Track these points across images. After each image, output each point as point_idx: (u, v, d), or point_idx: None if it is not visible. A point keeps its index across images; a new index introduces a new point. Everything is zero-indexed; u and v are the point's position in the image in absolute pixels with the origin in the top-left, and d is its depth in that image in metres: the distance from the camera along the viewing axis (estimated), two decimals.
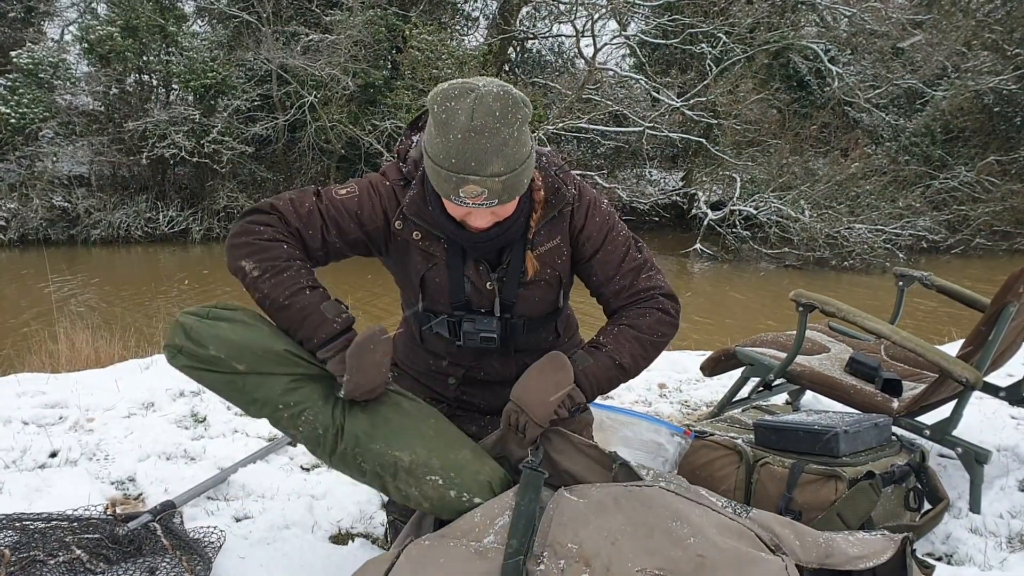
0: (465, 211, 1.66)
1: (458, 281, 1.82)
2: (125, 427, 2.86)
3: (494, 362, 1.96)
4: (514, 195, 1.63)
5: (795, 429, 2.16)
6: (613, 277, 1.87)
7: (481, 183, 1.56)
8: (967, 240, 15.16)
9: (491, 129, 1.53)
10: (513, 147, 1.56)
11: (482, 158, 1.53)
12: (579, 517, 1.52)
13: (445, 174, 1.57)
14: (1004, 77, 15.62)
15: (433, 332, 1.91)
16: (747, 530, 1.51)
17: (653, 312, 1.87)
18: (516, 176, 1.59)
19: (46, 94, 14.42)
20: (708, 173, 16.40)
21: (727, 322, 9.45)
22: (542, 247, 1.82)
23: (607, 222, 1.87)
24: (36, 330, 5.56)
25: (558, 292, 1.90)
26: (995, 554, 2.09)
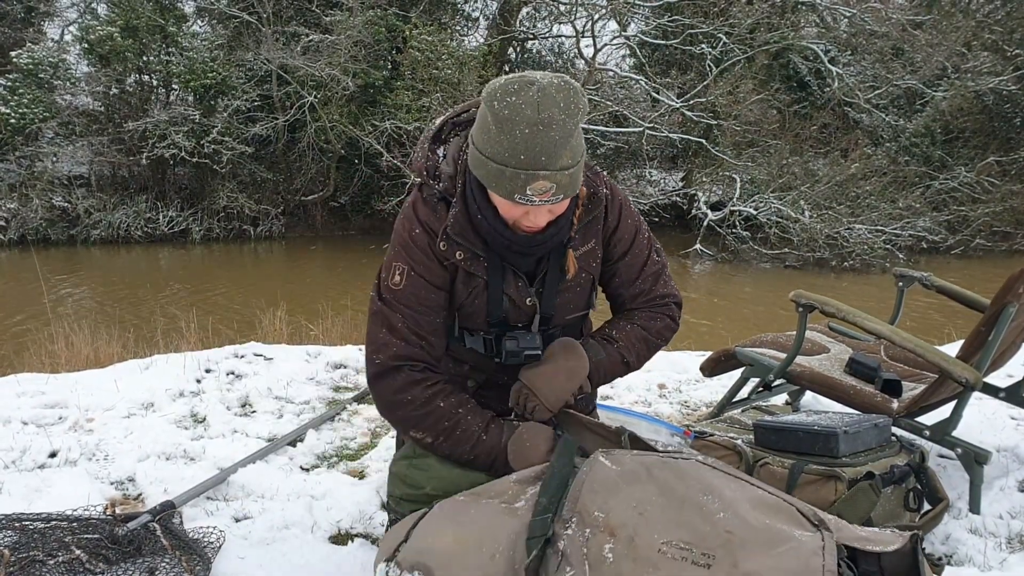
0: (523, 211, 1.61)
1: (497, 299, 1.78)
2: (125, 427, 2.86)
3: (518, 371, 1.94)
4: (576, 188, 1.59)
5: (795, 429, 2.16)
6: (635, 280, 1.90)
7: (551, 177, 1.51)
8: (967, 240, 15.16)
9: (558, 121, 1.49)
10: (577, 138, 1.53)
11: (552, 151, 1.49)
12: (610, 484, 1.51)
13: (511, 172, 1.51)
14: (1004, 78, 15.63)
15: (465, 347, 1.89)
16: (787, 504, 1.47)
17: (663, 318, 1.92)
18: (579, 168, 1.56)
19: (46, 94, 14.43)
20: (708, 174, 16.40)
21: (727, 322, 9.45)
22: (579, 249, 1.80)
23: (635, 223, 1.88)
24: (36, 330, 5.57)
25: (589, 294, 1.90)
26: (995, 555, 2.09)
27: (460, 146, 1.75)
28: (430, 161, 1.76)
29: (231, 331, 6.08)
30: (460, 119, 1.81)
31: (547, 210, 1.62)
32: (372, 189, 16.23)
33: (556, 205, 1.61)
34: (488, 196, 1.65)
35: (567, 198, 1.59)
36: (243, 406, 3.22)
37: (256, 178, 15.92)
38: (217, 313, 8.05)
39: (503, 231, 1.67)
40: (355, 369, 3.79)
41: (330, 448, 2.82)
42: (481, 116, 1.56)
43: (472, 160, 1.61)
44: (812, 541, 1.39)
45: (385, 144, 14.65)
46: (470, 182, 1.69)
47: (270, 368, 3.62)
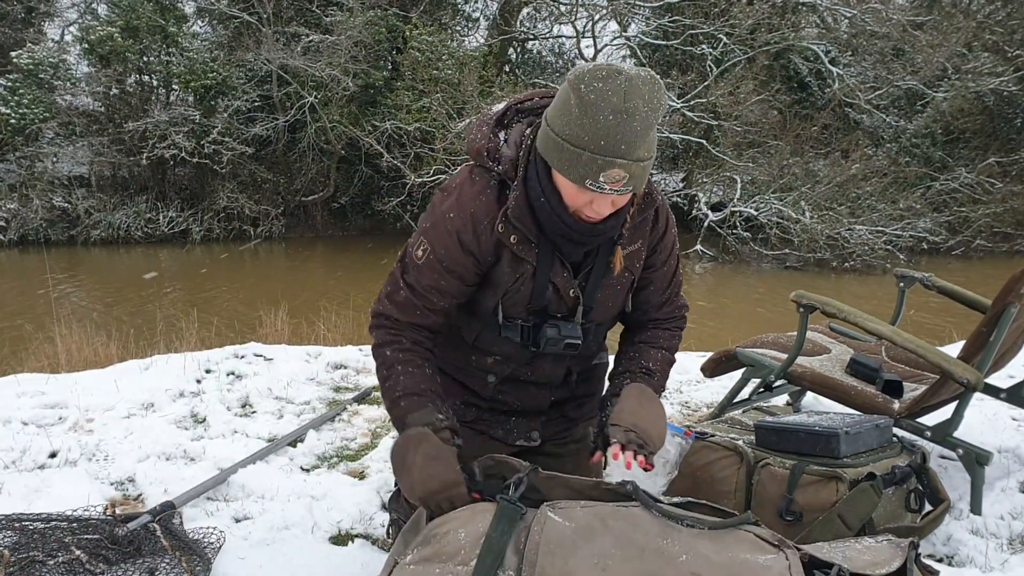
0: (588, 200, 1.60)
1: (542, 287, 1.77)
2: (125, 428, 2.85)
3: (546, 365, 1.91)
4: (643, 184, 1.60)
5: (796, 430, 2.16)
6: (665, 290, 1.93)
7: (626, 167, 1.52)
8: (968, 241, 15.16)
9: (641, 113, 1.50)
10: (654, 134, 1.56)
11: (632, 141, 1.50)
12: (567, 543, 1.47)
13: (588, 157, 1.51)
14: (1005, 79, 15.62)
15: (500, 335, 1.85)
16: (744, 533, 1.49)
17: (678, 335, 1.97)
18: (650, 164, 1.58)
19: (46, 94, 14.43)
20: (708, 174, 16.39)
21: (727, 323, 9.45)
22: (627, 248, 1.80)
23: (675, 232, 1.91)
24: (36, 331, 5.56)
25: (626, 297, 1.89)
26: (996, 555, 2.08)
27: (523, 132, 1.75)
28: (491, 143, 1.75)
29: (231, 331, 6.08)
30: (524, 106, 1.81)
31: (611, 201, 1.61)
32: (372, 190, 16.23)
33: (620, 197, 1.61)
34: (553, 181, 1.65)
35: (634, 192, 1.60)
36: (243, 406, 3.22)
37: (256, 178, 15.92)
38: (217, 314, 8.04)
39: (564, 216, 1.66)
40: (355, 370, 3.79)
41: (330, 449, 2.81)
42: (563, 99, 1.56)
43: (545, 142, 1.60)
44: (777, 563, 1.41)
45: (385, 145, 14.65)
46: (535, 166, 1.68)
47: (270, 368, 3.62)
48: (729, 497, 2.14)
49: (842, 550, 1.52)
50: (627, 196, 1.64)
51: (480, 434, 1.99)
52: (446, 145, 13.92)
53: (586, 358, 1.98)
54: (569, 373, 1.96)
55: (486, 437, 1.99)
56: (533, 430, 1.99)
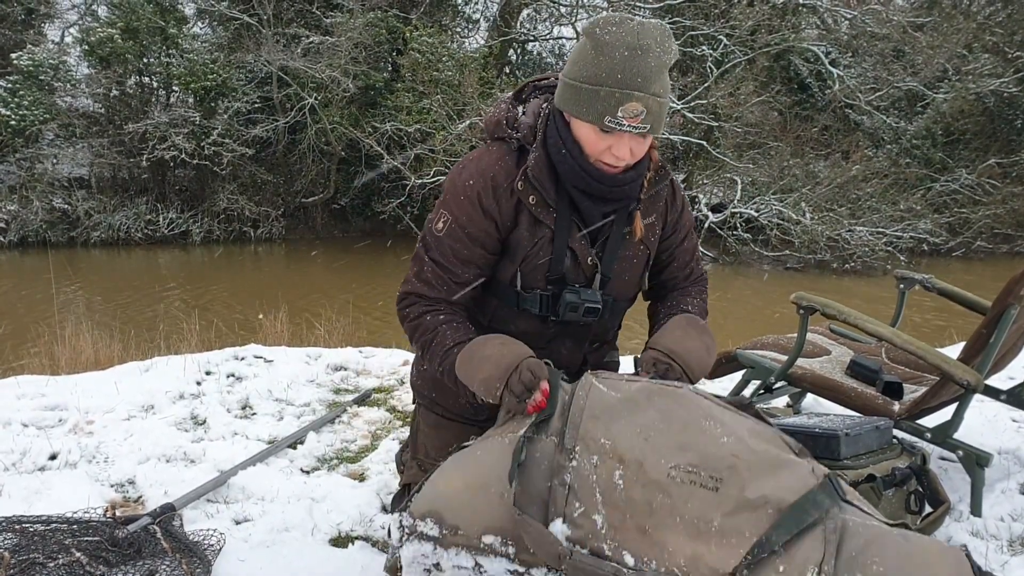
0: (607, 144, 1.64)
1: (560, 254, 1.78)
2: (125, 429, 2.85)
3: (563, 348, 1.89)
4: (661, 126, 1.64)
5: (796, 432, 2.15)
6: (688, 263, 2.00)
7: (644, 100, 1.57)
8: (968, 243, 15.16)
9: (654, 52, 1.57)
10: (667, 75, 1.62)
11: (648, 75, 1.56)
12: (611, 410, 1.50)
13: (606, 92, 1.57)
14: (1005, 80, 15.62)
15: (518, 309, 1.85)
16: (776, 436, 1.51)
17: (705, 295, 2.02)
18: (665, 105, 1.62)
19: (46, 96, 14.43)
20: (709, 176, 16.38)
21: (728, 325, 9.45)
22: (645, 221, 1.84)
23: (689, 215, 1.97)
24: (36, 332, 5.56)
25: (643, 273, 1.91)
26: (996, 557, 2.08)
27: (540, 104, 1.81)
28: (510, 113, 1.80)
29: (231, 333, 6.08)
30: (542, 84, 1.89)
31: (630, 148, 1.65)
32: (372, 191, 16.23)
33: (637, 145, 1.65)
34: (572, 134, 1.69)
35: (652, 133, 1.63)
36: (243, 408, 3.21)
37: (256, 180, 15.91)
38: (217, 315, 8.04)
39: (585, 166, 1.69)
40: (355, 371, 3.79)
41: (330, 451, 2.81)
42: (578, 49, 1.64)
43: (563, 93, 1.67)
44: (804, 465, 1.45)
45: (386, 146, 14.65)
46: (554, 125, 1.73)
47: (270, 370, 3.62)
48: None
49: None
50: (645, 143, 1.67)
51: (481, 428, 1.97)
52: (446, 147, 13.91)
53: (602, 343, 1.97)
54: (585, 364, 1.94)
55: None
56: None
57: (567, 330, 1.87)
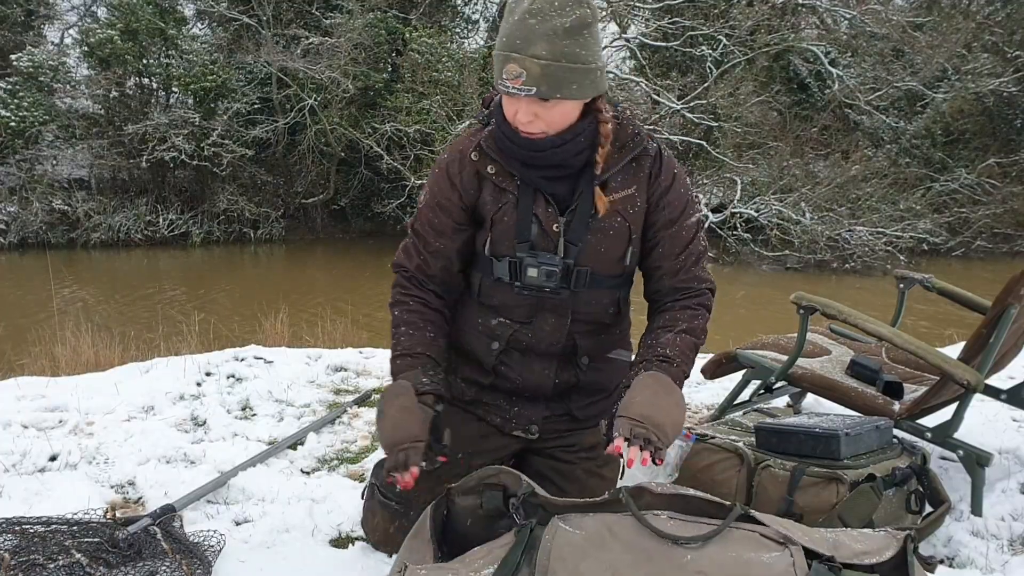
0: (513, 109, 1.69)
1: (526, 220, 1.80)
2: (125, 431, 2.85)
3: (546, 324, 1.88)
4: (555, 90, 1.63)
5: (796, 432, 2.15)
6: (679, 255, 1.88)
7: (520, 62, 1.60)
8: (968, 242, 15.15)
9: (544, 15, 1.59)
10: (563, 40, 1.60)
11: (528, 38, 1.59)
12: (578, 551, 1.50)
13: (495, 55, 1.65)
14: (1004, 79, 15.62)
15: (492, 278, 1.88)
16: (748, 533, 1.50)
17: (703, 314, 1.89)
18: (560, 69, 1.61)
19: (46, 97, 14.44)
20: (709, 176, 16.38)
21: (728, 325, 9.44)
22: (616, 194, 1.81)
23: (691, 200, 1.89)
24: (36, 333, 5.56)
25: (626, 248, 1.85)
26: (996, 557, 2.08)
27: None
28: (490, 95, 1.89)
29: (231, 334, 6.08)
30: None
31: (531, 107, 1.66)
32: (372, 192, 16.23)
33: (544, 110, 1.66)
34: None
35: (545, 96, 1.63)
36: (243, 409, 3.21)
37: (256, 181, 15.93)
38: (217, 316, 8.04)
39: (507, 131, 1.74)
40: (355, 372, 3.79)
41: (331, 451, 2.81)
42: None
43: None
44: (781, 560, 1.43)
45: (385, 147, 14.65)
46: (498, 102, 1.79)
47: (270, 371, 3.62)
48: (729, 499, 2.14)
49: (833, 539, 1.52)
50: (556, 113, 1.68)
51: (478, 420, 1.98)
52: (446, 147, 13.92)
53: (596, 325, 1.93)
54: (575, 347, 1.92)
55: (483, 424, 1.98)
56: (533, 423, 1.96)
57: (546, 303, 1.86)
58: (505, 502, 1.67)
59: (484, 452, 1.96)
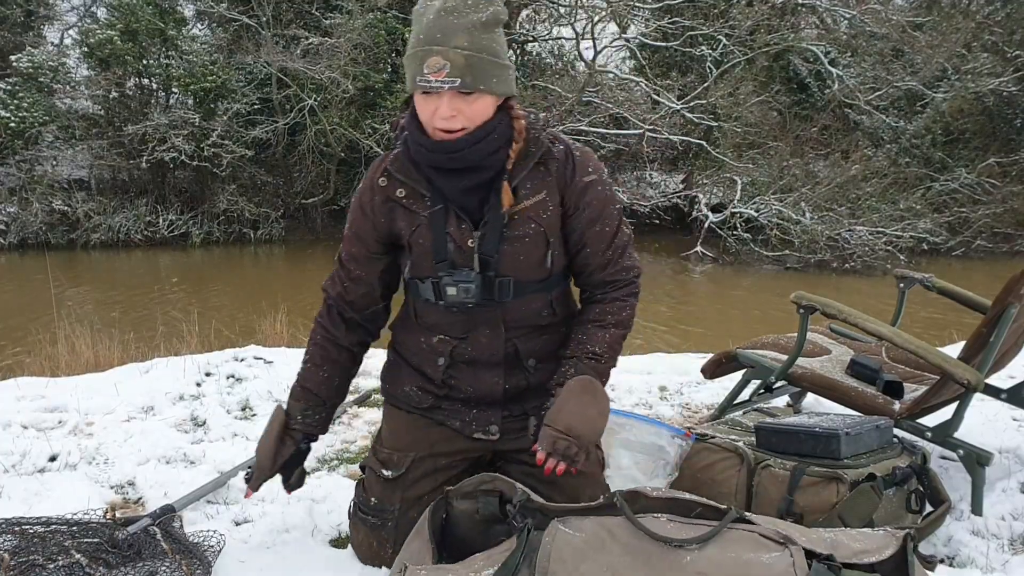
0: (432, 108, 1.68)
1: (440, 240, 1.82)
2: (124, 431, 2.85)
3: (482, 336, 1.90)
4: (479, 81, 1.65)
5: (796, 431, 2.15)
6: (606, 250, 1.89)
7: (444, 54, 1.62)
8: (968, 242, 15.15)
9: (460, 12, 1.64)
10: (482, 33, 1.65)
11: (449, 31, 1.62)
12: (577, 552, 1.51)
13: (412, 54, 1.65)
14: (1004, 79, 15.62)
15: (422, 300, 1.91)
16: (747, 533, 1.50)
17: (632, 302, 1.93)
18: (481, 61, 1.65)
19: (46, 98, 14.44)
20: (709, 176, 16.39)
21: (728, 324, 9.45)
22: (527, 201, 1.81)
23: (608, 193, 1.89)
24: (35, 334, 5.56)
25: (544, 252, 1.85)
26: (997, 556, 2.08)
27: None
28: (396, 119, 1.90)
29: (231, 334, 6.07)
30: None
31: (454, 105, 1.67)
32: None
33: (465, 105, 1.67)
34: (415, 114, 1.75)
35: (467, 88, 1.65)
36: (243, 409, 3.21)
37: (256, 181, 15.92)
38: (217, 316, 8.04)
39: (423, 140, 1.75)
40: None
41: (331, 451, 2.81)
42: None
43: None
44: (781, 561, 1.43)
45: (385, 147, 14.65)
46: (410, 113, 1.79)
47: (270, 371, 3.62)
48: (729, 499, 2.14)
49: (831, 539, 1.53)
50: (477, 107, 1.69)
51: (438, 425, 1.98)
52: None
53: (532, 329, 1.93)
54: (517, 353, 1.92)
55: (444, 428, 1.98)
56: (492, 423, 1.96)
57: (476, 318, 1.88)
58: (501, 508, 1.69)
59: (448, 454, 1.98)
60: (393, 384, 2.07)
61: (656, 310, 10.69)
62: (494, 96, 1.72)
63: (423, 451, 1.96)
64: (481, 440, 1.96)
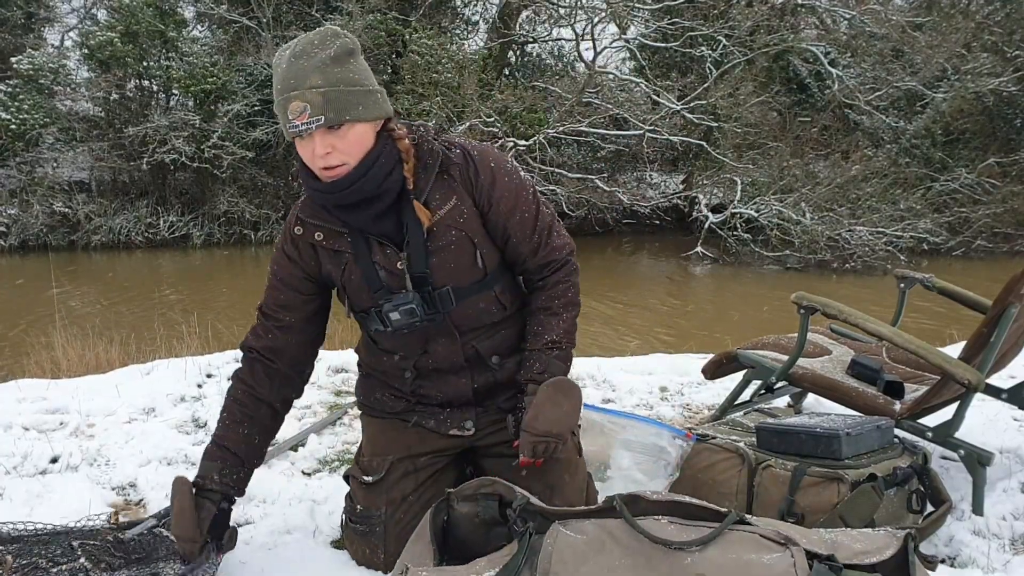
0: (309, 150, 1.70)
1: (370, 271, 1.85)
2: (126, 432, 2.86)
3: (439, 347, 1.93)
4: (343, 113, 1.67)
5: (797, 432, 2.16)
6: (531, 235, 1.92)
7: (301, 96, 1.64)
8: (968, 242, 15.14)
9: (309, 54, 1.67)
10: (334, 68, 1.67)
11: (301, 75, 1.65)
12: (579, 554, 1.52)
13: (277, 104, 1.69)
14: (1004, 79, 15.61)
15: (372, 329, 1.95)
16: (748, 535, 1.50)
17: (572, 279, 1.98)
18: (340, 93, 1.66)
19: (46, 100, 14.44)
20: (709, 176, 16.38)
21: (728, 325, 9.44)
22: (439, 211, 1.83)
23: (517, 181, 1.90)
24: (37, 336, 5.56)
25: (473, 255, 1.87)
26: (998, 556, 2.08)
27: None
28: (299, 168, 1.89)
29: (232, 336, 6.08)
30: None
31: (326, 142, 1.69)
32: None
33: (338, 139, 1.69)
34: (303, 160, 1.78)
35: (331, 123, 1.66)
36: None
37: (257, 183, 15.92)
38: (218, 318, 8.04)
39: (313, 183, 1.78)
40: (356, 373, 3.78)
41: (332, 452, 2.82)
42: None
43: None
44: (782, 561, 1.44)
45: None
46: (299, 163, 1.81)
47: None
48: (730, 499, 2.14)
49: (832, 540, 1.53)
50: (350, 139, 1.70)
51: (414, 426, 2.02)
52: None
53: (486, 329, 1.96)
54: (478, 354, 1.95)
55: (419, 429, 2.02)
56: (466, 419, 1.99)
57: (428, 332, 1.91)
58: (501, 511, 1.70)
59: (425, 454, 2.02)
60: (367, 394, 2.11)
61: (656, 310, 10.70)
62: (366, 122, 1.72)
63: (401, 453, 1.99)
64: (457, 436, 2.00)
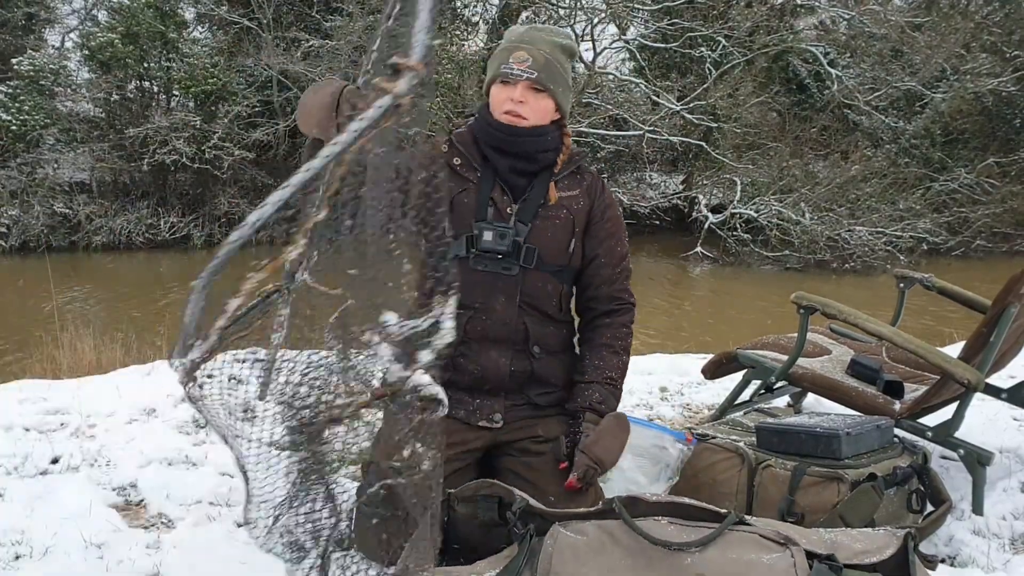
0: (507, 95, 1.98)
1: (484, 201, 2.02)
2: (127, 433, 2.86)
3: (498, 305, 1.99)
4: (550, 81, 1.98)
5: (797, 432, 2.16)
6: (615, 266, 2.11)
7: (529, 50, 1.97)
8: (967, 242, 15.16)
9: (548, 31, 2.06)
10: (559, 51, 2.02)
11: (537, 39, 2.01)
12: (580, 554, 1.52)
13: (502, 47, 2.02)
14: (1003, 79, 15.63)
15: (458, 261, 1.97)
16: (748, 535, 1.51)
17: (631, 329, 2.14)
18: (557, 67, 2.00)
19: (47, 101, 14.43)
20: (708, 176, 16.39)
21: (728, 325, 9.45)
22: (563, 192, 2.07)
23: (621, 218, 2.16)
24: (38, 336, 5.56)
25: (569, 239, 2.05)
26: (998, 556, 2.08)
27: None
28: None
29: None
30: None
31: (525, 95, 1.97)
32: None
33: (534, 99, 1.98)
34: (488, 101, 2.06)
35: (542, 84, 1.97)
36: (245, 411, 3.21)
37: (257, 184, 15.91)
38: None
39: (491, 120, 2.03)
40: None
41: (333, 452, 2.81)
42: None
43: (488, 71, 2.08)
44: (782, 561, 1.45)
45: None
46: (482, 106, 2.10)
47: None
48: (730, 499, 2.14)
49: (831, 540, 1.53)
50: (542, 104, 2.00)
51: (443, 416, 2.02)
52: None
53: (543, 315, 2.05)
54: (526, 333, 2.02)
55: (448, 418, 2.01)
56: (496, 412, 2.02)
57: (498, 283, 2.00)
58: (500, 512, 1.71)
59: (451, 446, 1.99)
60: None
61: (656, 310, 10.70)
62: (555, 104, 2.03)
63: None
64: (485, 428, 2.02)
